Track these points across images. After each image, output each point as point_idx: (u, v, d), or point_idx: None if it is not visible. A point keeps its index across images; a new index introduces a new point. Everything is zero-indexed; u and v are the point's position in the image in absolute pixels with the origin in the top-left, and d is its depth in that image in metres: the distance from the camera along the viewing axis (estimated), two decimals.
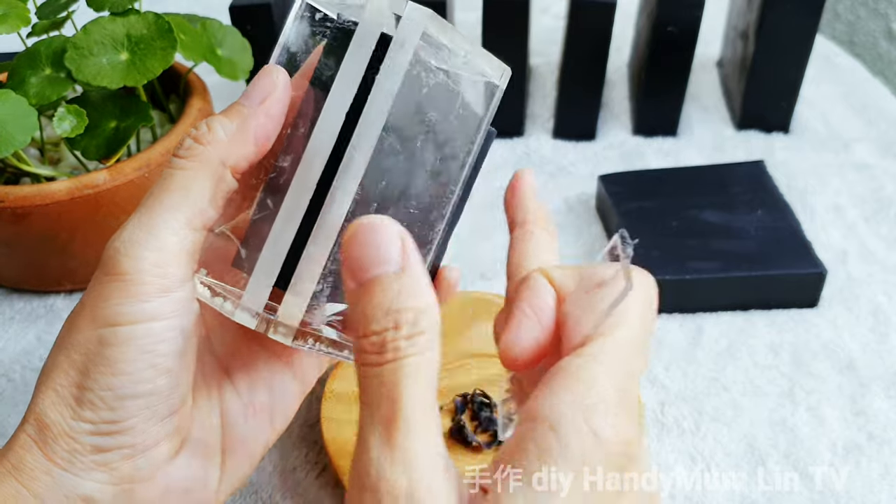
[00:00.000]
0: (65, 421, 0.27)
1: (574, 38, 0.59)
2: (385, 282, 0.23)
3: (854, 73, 0.74)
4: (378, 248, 0.23)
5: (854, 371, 0.44)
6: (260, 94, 0.29)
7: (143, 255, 0.27)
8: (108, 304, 0.27)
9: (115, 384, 0.27)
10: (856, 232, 0.54)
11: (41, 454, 0.27)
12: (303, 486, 0.39)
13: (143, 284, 0.27)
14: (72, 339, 0.27)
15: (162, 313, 0.27)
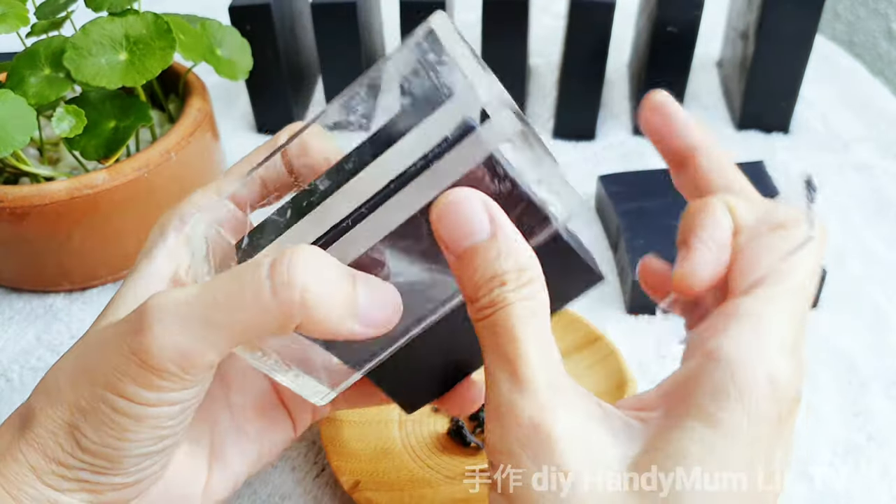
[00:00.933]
0: (59, 451, 0.26)
1: (574, 38, 0.59)
2: (481, 249, 0.24)
3: (854, 73, 0.73)
4: (467, 219, 0.24)
5: (854, 371, 0.44)
6: (378, 320, 0.26)
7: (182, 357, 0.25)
8: (128, 382, 0.25)
9: (118, 445, 0.26)
10: (856, 232, 0.54)
11: (30, 470, 0.27)
12: (302, 486, 0.39)
13: (169, 380, 0.25)
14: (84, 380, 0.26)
15: (178, 401, 0.26)
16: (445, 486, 0.37)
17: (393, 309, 0.26)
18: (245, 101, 0.70)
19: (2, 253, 0.49)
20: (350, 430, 0.39)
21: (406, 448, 0.39)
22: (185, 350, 0.24)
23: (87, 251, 0.48)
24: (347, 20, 0.59)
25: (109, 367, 0.25)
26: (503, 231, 0.24)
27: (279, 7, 0.60)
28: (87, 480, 0.27)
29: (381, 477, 0.37)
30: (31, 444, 0.27)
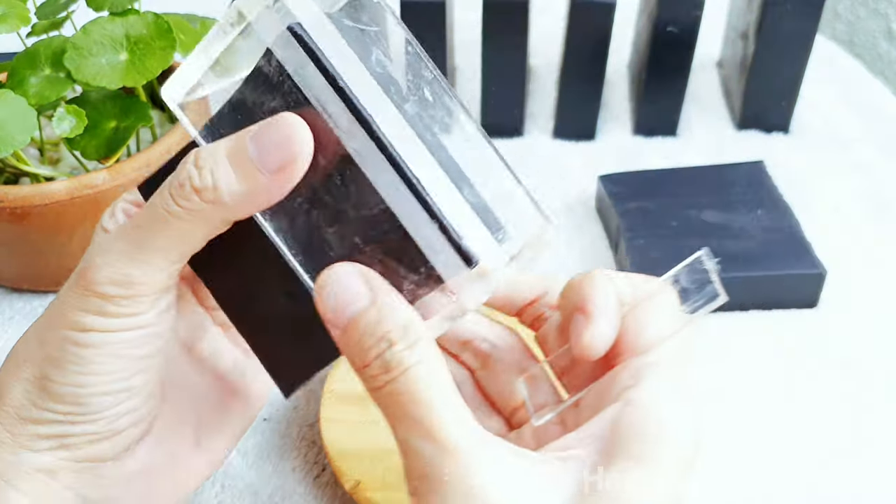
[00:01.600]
0: (31, 408, 0.27)
1: (574, 38, 0.59)
2: (363, 315, 0.24)
3: (854, 73, 0.73)
4: (343, 292, 0.25)
5: (854, 371, 0.44)
6: (278, 157, 0.25)
7: (125, 279, 0.27)
8: (82, 314, 0.27)
9: (85, 381, 0.27)
10: (856, 232, 0.54)
11: (7, 434, 0.27)
12: (302, 486, 0.39)
13: (119, 305, 0.27)
14: (46, 332, 0.28)
15: (138, 325, 0.27)
16: None
17: (289, 141, 0.25)
18: None
19: (2, 253, 0.49)
20: (351, 431, 0.39)
21: None
22: (125, 271, 0.26)
23: None
24: None
25: (67, 309, 0.27)
26: (381, 294, 0.25)
27: None
28: (62, 434, 0.28)
29: (381, 477, 0.37)
30: (4, 412, 0.28)
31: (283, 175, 0.25)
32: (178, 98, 0.28)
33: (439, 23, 0.59)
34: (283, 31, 0.25)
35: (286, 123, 0.25)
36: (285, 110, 0.26)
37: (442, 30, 0.59)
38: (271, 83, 0.26)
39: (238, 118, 0.27)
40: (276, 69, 0.25)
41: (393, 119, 0.25)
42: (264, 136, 0.25)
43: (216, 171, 0.25)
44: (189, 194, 0.25)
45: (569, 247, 0.54)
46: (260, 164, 0.25)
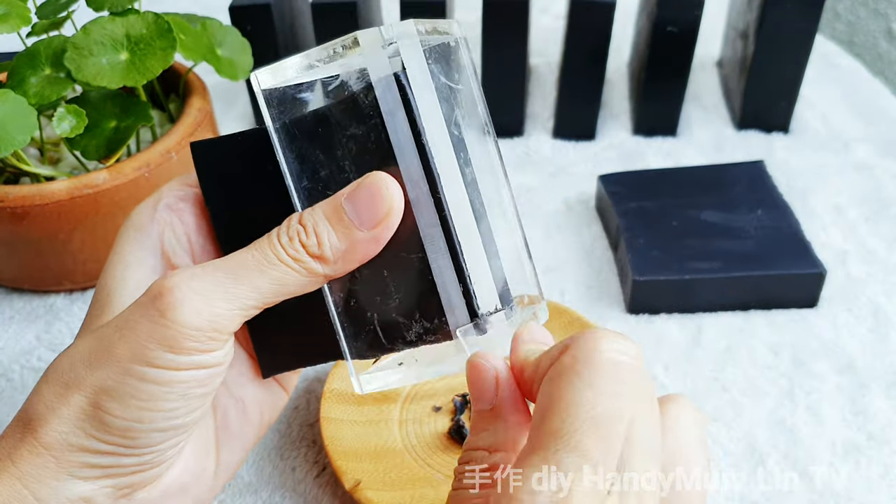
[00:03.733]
0: (84, 437, 0.27)
1: (574, 38, 0.59)
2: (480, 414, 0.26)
3: (854, 73, 0.74)
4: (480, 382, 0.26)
5: (854, 371, 0.44)
6: (373, 215, 0.27)
7: (209, 318, 0.27)
8: (159, 349, 0.26)
9: (147, 417, 0.27)
10: (856, 232, 0.54)
11: (52, 460, 0.27)
12: (302, 485, 0.39)
13: (198, 342, 0.27)
14: (108, 362, 0.27)
15: (208, 364, 0.27)
16: (446, 485, 0.37)
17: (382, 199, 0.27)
18: (245, 101, 0.70)
19: (2, 253, 0.49)
20: (351, 430, 0.39)
21: (406, 448, 0.39)
22: (214, 311, 0.26)
23: (88, 251, 0.48)
24: (347, 20, 0.59)
25: (135, 341, 0.26)
26: (506, 410, 0.26)
27: (279, 7, 0.60)
28: (110, 465, 0.27)
29: (381, 476, 0.37)
30: (51, 437, 0.27)
31: (379, 230, 0.27)
32: (266, 85, 0.29)
33: None
34: (389, 76, 0.27)
35: (378, 183, 0.27)
36: (366, 142, 0.28)
37: None
38: (361, 113, 0.28)
39: (318, 130, 0.29)
40: (371, 104, 0.27)
41: (453, 180, 0.27)
42: (359, 197, 0.27)
43: (319, 229, 0.28)
44: (298, 247, 0.28)
45: (569, 247, 0.54)
46: (358, 223, 0.27)
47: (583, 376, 0.22)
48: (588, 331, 0.24)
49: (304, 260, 0.27)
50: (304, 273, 0.28)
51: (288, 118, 0.29)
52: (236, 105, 0.70)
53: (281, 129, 0.29)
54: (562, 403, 0.22)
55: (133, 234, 0.31)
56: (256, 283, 0.27)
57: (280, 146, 0.29)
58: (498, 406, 0.25)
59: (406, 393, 0.42)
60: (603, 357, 0.23)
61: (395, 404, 0.41)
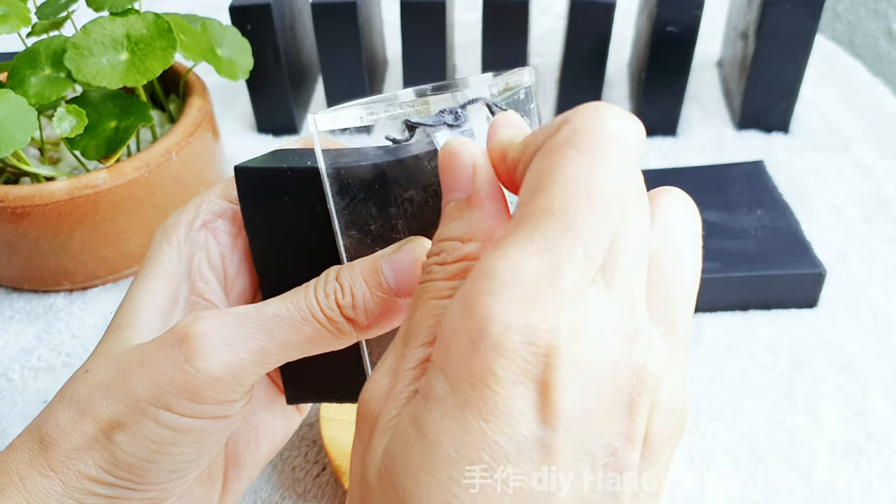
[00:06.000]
0: (93, 468, 0.26)
1: (574, 38, 0.59)
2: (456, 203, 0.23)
3: (854, 73, 0.74)
4: (458, 167, 0.23)
5: (853, 371, 0.44)
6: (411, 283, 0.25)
7: (234, 369, 0.26)
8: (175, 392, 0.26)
9: (159, 459, 0.26)
10: (856, 232, 0.54)
11: (59, 484, 0.26)
12: (302, 485, 0.39)
13: (219, 393, 0.26)
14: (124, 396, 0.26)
15: (225, 415, 0.27)
16: None
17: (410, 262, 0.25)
18: (245, 101, 0.70)
19: (2, 253, 0.49)
20: (351, 430, 0.39)
21: None
22: (239, 364, 0.25)
23: (88, 251, 0.48)
24: (347, 20, 0.60)
25: (155, 383, 0.26)
26: (487, 193, 0.23)
27: (279, 7, 0.60)
28: (115, 497, 0.27)
29: None
30: (60, 460, 0.26)
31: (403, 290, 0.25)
32: (322, 128, 0.28)
33: (439, 23, 0.59)
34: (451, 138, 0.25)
35: (420, 251, 0.25)
36: (423, 206, 0.26)
37: (442, 30, 0.59)
38: (423, 178, 0.26)
39: (374, 186, 0.27)
40: (433, 170, 0.26)
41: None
42: (398, 261, 0.26)
43: (355, 289, 0.26)
44: (333, 305, 0.26)
45: None
46: (396, 288, 0.26)
47: (582, 149, 0.19)
48: (591, 103, 0.20)
49: (338, 321, 0.26)
50: (335, 333, 0.26)
51: (343, 165, 0.28)
52: (236, 105, 0.70)
53: (334, 174, 0.28)
54: (556, 177, 0.19)
55: (166, 250, 0.30)
56: (287, 336, 0.26)
57: (331, 192, 0.28)
58: (474, 193, 0.22)
59: None
60: (608, 129, 0.20)
61: None
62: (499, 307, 0.18)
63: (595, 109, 0.20)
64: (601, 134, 0.20)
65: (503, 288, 0.18)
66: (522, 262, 0.18)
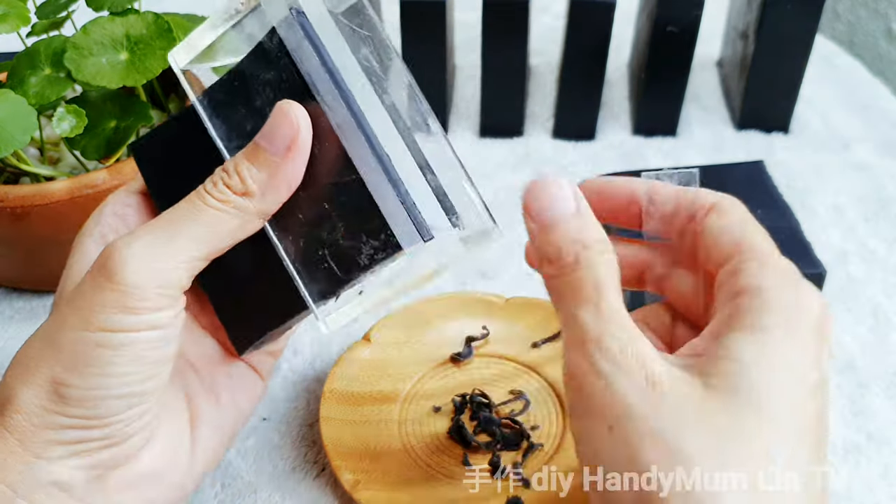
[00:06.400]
0: (45, 414, 0.27)
1: (574, 38, 0.59)
2: (565, 218, 0.27)
3: (854, 73, 0.74)
4: (555, 194, 0.27)
5: (854, 371, 0.44)
6: (284, 139, 0.28)
7: (152, 274, 0.27)
8: (107, 312, 0.27)
9: (103, 384, 0.27)
10: (856, 232, 0.54)
11: (17, 443, 0.27)
12: (302, 485, 0.39)
13: (145, 300, 0.27)
14: (62, 335, 0.27)
15: (158, 325, 0.28)
16: (445, 485, 0.37)
17: (288, 121, 0.28)
18: None
19: (2, 253, 0.49)
20: (350, 430, 0.39)
21: (406, 448, 0.39)
22: (157, 268, 0.27)
23: None
24: None
25: (85, 308, 0.27)
26: (586, 210, 0.27)
27: None
28: (76, 440, 0.27)
29: (381, 477, 0.37)
30: (14, 419, 0.27)
31: (293, 152, 0.28)
32: (182, 64, 0.30)
33: (439, 23, 0.59)
34: (288, 15, 0.28)
35: (282, 106, 0.28)
36: (280, 84, 0.29)
37: (442, 30, 0.59)
38: (270, 58, 0.29)
39: (235, 85, 0.30)
40: (277, 46, 0.29)
41: (372, 102, 0.28)
42: (269, 126, 0.28)
43: (240, 169, 0.29)
44: (223, 188, 0.29)
45: None
46: (272, 151, 0.28)
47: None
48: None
49: (232, 199, 0.28)
50: (235, 213, 0.28)
51: (206, 85, 0.30)
52: None
53: (204, 98, 0.30)
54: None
55: (79, 240, 0.32)
56: (192, 232, 0.28)
57: (206, 114, 0.30)
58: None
59: (406, 393, 0.42)
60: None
61: (395, 404, 0.41)
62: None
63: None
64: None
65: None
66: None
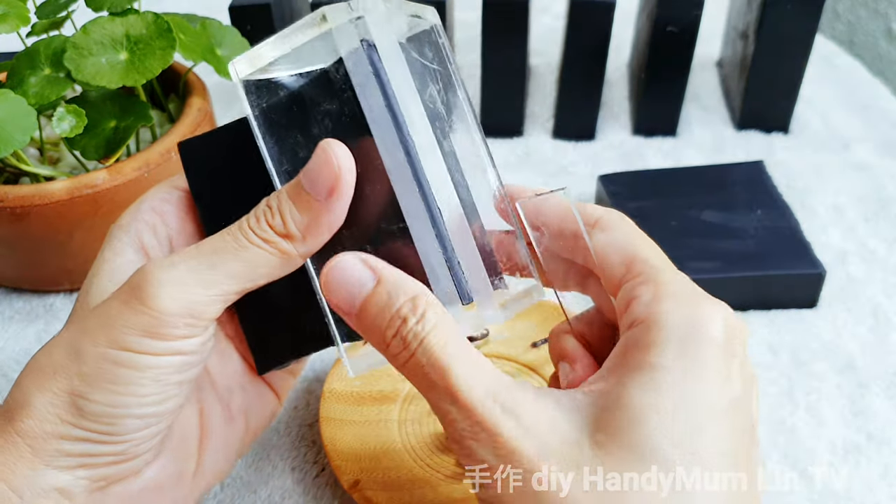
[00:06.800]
0: (59, 423, 0.27)
1: (574, 38, 0.59)
2: (372, 297, 0.26)
3: (854, 73, 0.74)
4: (348, 280, 0.27)
5: (853, 371, 0.44)
6: (325, 182, 0.27)
7: (186, 304, 0.27)
8: (135, 334, 0.27)
9: (123, 402, 0.27)
10: (856, 232, 0.54)
11: (27, 448, 0.27)
12: (302, 485, 0.39)
13: (175, 329, 0.27)
14: (86, 348, 0.27)
15: (184, 351, 0.28)
16: (445, 485, 0.37)
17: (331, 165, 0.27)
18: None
19: (2, 253, 0.49)
20: (350, 430, 0.39)
21: (406, 448, 0.39)
22: (192, 299, 0.27)
23: (88, 251, 0.48)
24: None
25: (113, 328, 0.27)
26: (384, 273, 0.26)
27: (279, 7, 0.60)
28: (87, 454, 0.27)
29: (380, 477, 0.37)
30: (27, 424, 0.27)
31: (334, 197, 0.27)
32: (242, 75, 0.29)
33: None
34: (358, 47, 0.27)
35: (326, 150, 0.27)
36: (340, 116, 0.28)
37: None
38: (333, 88, 0.28)
39: (293, 110, 0.29)
40: (342, 78, 0.27)
41: (431, 150, 0.27)
42: (310, 167, 0.28)
43: (283, 210, 0.28)
44: (265, 227, 0.28)
45: None
46: (314, 194, 0.27)
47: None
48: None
49: (274, 240, 0.28)
50: (275, 253, 0.28)
51: (266, 103, 0.29)
52: (236, 105, 0.70)
53: (260, 115, 0.29)
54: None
55: (114, 233, 0.32)
56: (230, 267, 0.27)
57: (260, 132, 0.29)
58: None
59: (406, 393, 0.42)
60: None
61: (395, 404, 0.41)
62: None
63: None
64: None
65: None
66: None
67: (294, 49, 0.28)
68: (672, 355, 0.25)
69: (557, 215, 0.30)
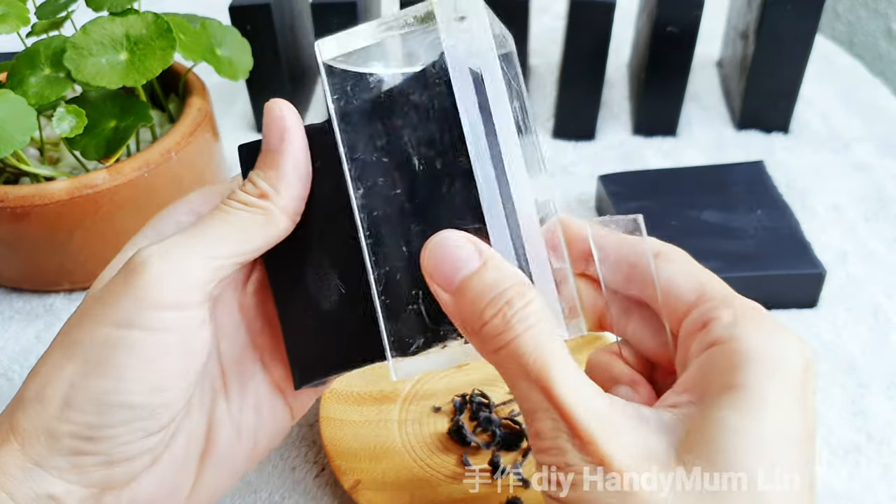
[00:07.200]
0: (49, 419, 0.27)
1: (574, 38, 0.59)
2: (477, 275, 0.25)
3: (854, 73, 0.74)
4: (454, 255, 0.26)
5: (854, 371, 0.44)
6: (277, 132, 0.29)
7: (174, 266, 0.27)
8: (121, 306, 0.26)
9: (110, 388, 0.26)
10: (856, 232, 0.54)
11: (19, 448, 0.27)
12: (302, 485, 0.39)
13: (162, 294, 0.27)
14: (74, 337, 0.27)
15: (173, 327, 0.27)
16: (445, 486, 0.37)
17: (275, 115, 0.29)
18: (245, 100, 0.70)
19: (2, 253, 0.49)
20: (350, 430, 0.39)
21: (406, 448, 0.39)
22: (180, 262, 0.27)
23: (88, 251, 0.48)
24: (347, 20, 0.60)
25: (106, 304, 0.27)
26: (492, 258, 0.26)
27: (279, 7, 0.60)
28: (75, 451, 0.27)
29: (380, 477, 0.37)
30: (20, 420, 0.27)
31: (286, 141, 0.29)
32: (326, 57, 0.29)
33: None
34: (459, 42, 0.27)
35: (271, 107, 0.29)
36: (429, 107, 0.27)
37: None
38: (426, 81, 0.27)
39: (378, 98, 0.28)
40: (440, 71, 0.27)
41: (517, 158, 0.27)
42: (264, 126, 0.30)
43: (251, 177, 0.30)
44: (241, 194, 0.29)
45: None
46: (270, 147, 0.29)
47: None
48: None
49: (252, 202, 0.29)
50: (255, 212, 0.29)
51: (349, 87, 0.29)
52: (236, 105, 0.70)
53: (340, 98, 0.29)
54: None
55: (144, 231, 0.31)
56: (218, 231, 0.28)
57: (336, 118, 0.29)
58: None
59: (406, 393, 0.42)
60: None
61: (395, 404, 0.41)
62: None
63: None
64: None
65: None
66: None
67: (387, 40, 0.28)
68: (758, 380, 0.25)
69: (615, 243, 0.30)
